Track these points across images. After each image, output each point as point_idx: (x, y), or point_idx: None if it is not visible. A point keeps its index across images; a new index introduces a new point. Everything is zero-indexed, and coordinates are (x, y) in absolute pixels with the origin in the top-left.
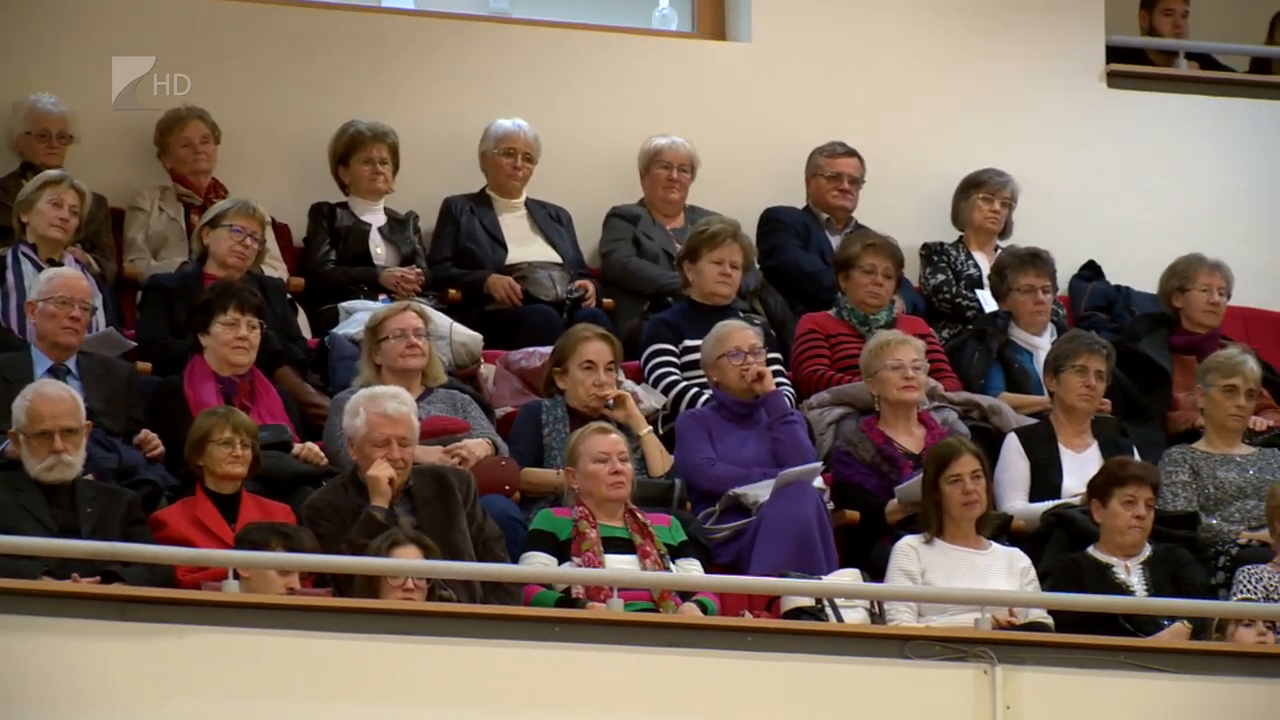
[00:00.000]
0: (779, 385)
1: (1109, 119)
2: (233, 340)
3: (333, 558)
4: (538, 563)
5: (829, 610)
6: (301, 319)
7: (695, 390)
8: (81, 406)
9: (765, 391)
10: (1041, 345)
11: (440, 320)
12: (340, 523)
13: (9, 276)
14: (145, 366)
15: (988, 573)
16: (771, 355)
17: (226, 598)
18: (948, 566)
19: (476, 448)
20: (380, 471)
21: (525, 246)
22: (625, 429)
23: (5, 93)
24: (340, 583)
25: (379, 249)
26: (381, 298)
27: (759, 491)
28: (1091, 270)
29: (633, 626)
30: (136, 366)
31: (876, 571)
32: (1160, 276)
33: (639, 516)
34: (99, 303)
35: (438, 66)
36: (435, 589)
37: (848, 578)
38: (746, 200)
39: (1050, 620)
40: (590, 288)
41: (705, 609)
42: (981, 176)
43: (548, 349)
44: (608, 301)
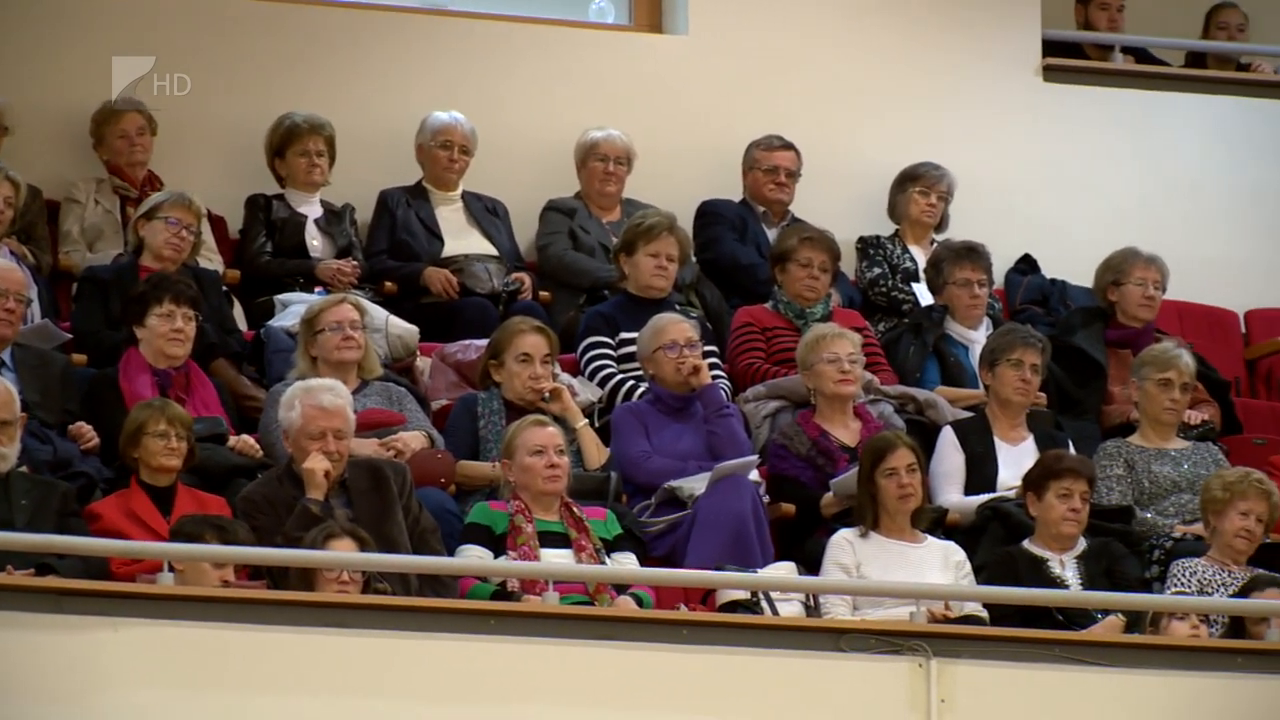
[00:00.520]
0: (715, 378)
1: (1045, 113)
2: (168, 333)
3: (268, 550)
4: (473, 556)
5: (764, 603)
6: (237, 311)
7: (631, 383)
8: (16, 398)
9: (701, 385)
10: (977, 339)
11: (376, 313)
12: (275, 515)
13: None
14: (80, 359)
15: (923, 566)
16: (708, 348)
17: (161, 590)
18: (883, 560)
19: (412, 440)
20: (315, 464)
21: (461, 239)
22: (561, 422)
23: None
24: (275, 575)
25: (315, 241)
26: (317, 290)
27: (694, 485)
28: (1027, 264)
29: (568, 620)
30: (72, 359)
31: (812, 565)
32: (1096, 270)
33: (575, 510)
34: (34, 295)
35: (375, 59)
36: (370, 582)
37: (783, 571)
38: (683, 193)
39: (985, 614)
40: (526, 281)
41: (641, 602)
42: (918, 170)
43: (484, 342)
44: (544, 294)
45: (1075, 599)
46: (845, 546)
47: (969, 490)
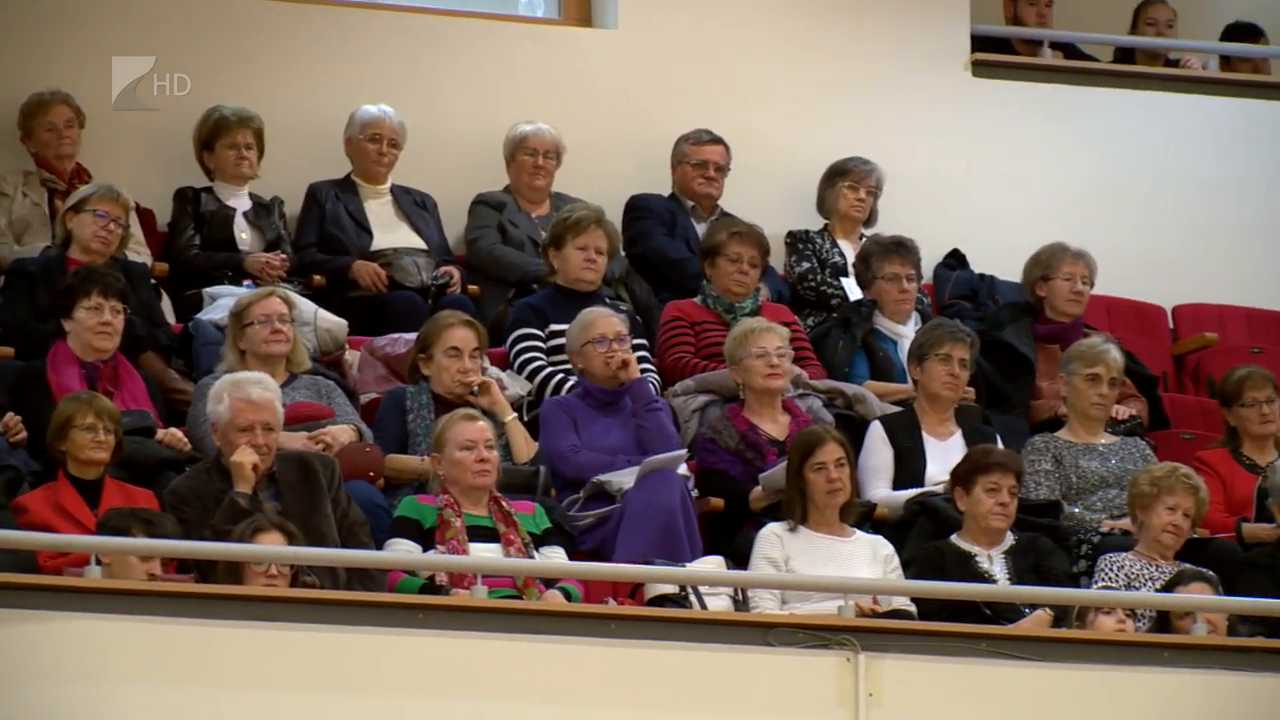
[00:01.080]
0: (644, 372)
1: (974, 108)
2: (96, 325)
3: (195, 543)
4: (402, 549)
5: (693, 598)
6: (166, 304)
7: (560, 376)
8: None
9: (630, 379)
10: (906, 333)
11: (305, 306)
12: (203, 508)
13: None
14: (7, 351)
15: (851, 560)
16: (637, 342)
17: (88, 583)
18: (811, 554)
19: (341, 434)
20: (244, 457)
21: (390, 233)
22: (490, 415)
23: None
24: (203, 569)
25: (244, 234)
26: (246, 283)
27: (623, 479)
28: (956, 259)
29: (496, 613)
30: None
31: (740, 559)
32: (1024, 265)
33: (503, 504)
34: None
35: (303, 51)
36: (299, 575)
37: (711, 565)
38: (612, 187)
39: (913, 608)
40: (455, 274)
41: (569, 596)
42: (847, 165)
43: (413, 335)
44: (473, 288)
45: (1003, 594)
46: (774, 541)
47: (897, 485)
